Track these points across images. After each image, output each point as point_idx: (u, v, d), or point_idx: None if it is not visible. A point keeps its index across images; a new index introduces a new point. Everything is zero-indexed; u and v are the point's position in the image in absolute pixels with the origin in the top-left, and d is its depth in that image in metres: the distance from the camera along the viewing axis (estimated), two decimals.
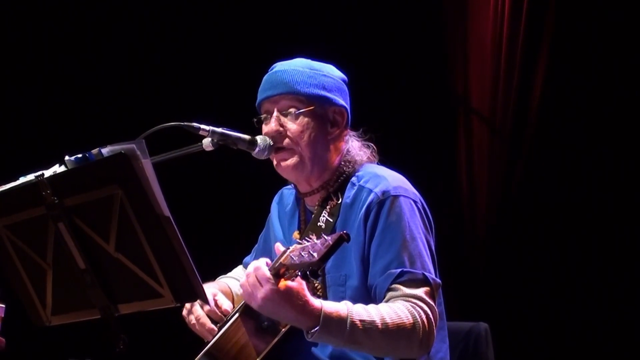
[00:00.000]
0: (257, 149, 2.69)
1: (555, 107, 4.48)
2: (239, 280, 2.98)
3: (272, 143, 2.71)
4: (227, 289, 2.92)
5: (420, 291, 2.50)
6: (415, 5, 4.90)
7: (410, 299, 2.48)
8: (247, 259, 3.14)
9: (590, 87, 4.40)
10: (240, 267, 3.15)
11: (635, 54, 4.30)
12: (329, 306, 2.36)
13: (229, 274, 3.09)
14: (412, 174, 2.76)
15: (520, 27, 4.55)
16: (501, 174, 4.65)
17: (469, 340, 2.92)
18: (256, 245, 3.13)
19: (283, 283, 2.27)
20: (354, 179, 2.71)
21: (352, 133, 2.82)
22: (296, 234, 2.80)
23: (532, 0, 4.52)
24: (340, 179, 2.74)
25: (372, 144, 2.82)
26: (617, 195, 4.36)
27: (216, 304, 2.73)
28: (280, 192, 3.02)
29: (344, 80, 2.82)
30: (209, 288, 2.78)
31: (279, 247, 2.39)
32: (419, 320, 2.44)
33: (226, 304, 2.75)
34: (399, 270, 2.51)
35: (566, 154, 4.47)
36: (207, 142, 2.63)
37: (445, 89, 4.90)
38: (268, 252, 2.95)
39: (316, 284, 2.64)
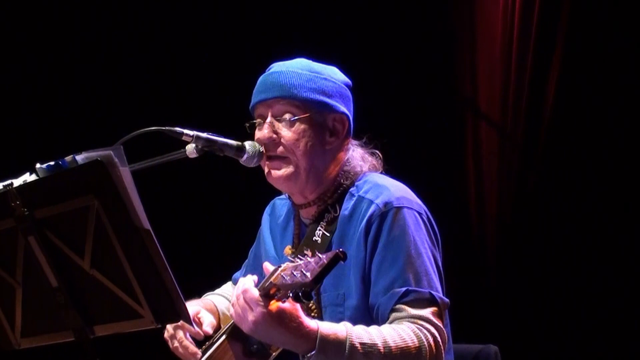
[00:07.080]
0: (245, 156, 2.59)
1: (569, 111, 4.40)
2: (226, 297, 2.96)
3: (262, 150, 2.62)
4: (212, 307, 2.83)
5: (427, 312, 2.40)
6: (423, 7, 4.86)
7: (416, 321, 2.38)
8: (236, 274, 3.06)
9: (606, 90, 4.32)
10: (229, 284, 3.07)
11: None
12: (325, 327, 2.27)
13: (216, 291, 3.02)
14: (417, 183, 2.68)
15: (531, 27, 4.46)
16: (512, 183, 4.57)
17: None
18: (246, 261, 3.05)
19: (274, 304, 2.19)
20: (353, 189, 2.62)
21: (354, 142, 2.72)
22: (288, 249, 2.71)
23: None
24: (338, 190, 2.64)
25: (377, 152, 2.73)
26: (635, 204, 4.26)
27: (198, 322, 2.66)
28: (272, 202, 2.93)
29: (347, 85, 2.71)
30: (192, 306, 2.70)
31: (267, 267, 2.30)
32: (425, 343, 2.35)
33: (207, 321, 2.67)
34: (403, 289, 2.41)
35: (581, 161, 4.39)
36: (191, 149, 2.55)
37: (452, 91, 4.83)
38: (259, 268, 2.89)
39: (311, 305, 2.57)
